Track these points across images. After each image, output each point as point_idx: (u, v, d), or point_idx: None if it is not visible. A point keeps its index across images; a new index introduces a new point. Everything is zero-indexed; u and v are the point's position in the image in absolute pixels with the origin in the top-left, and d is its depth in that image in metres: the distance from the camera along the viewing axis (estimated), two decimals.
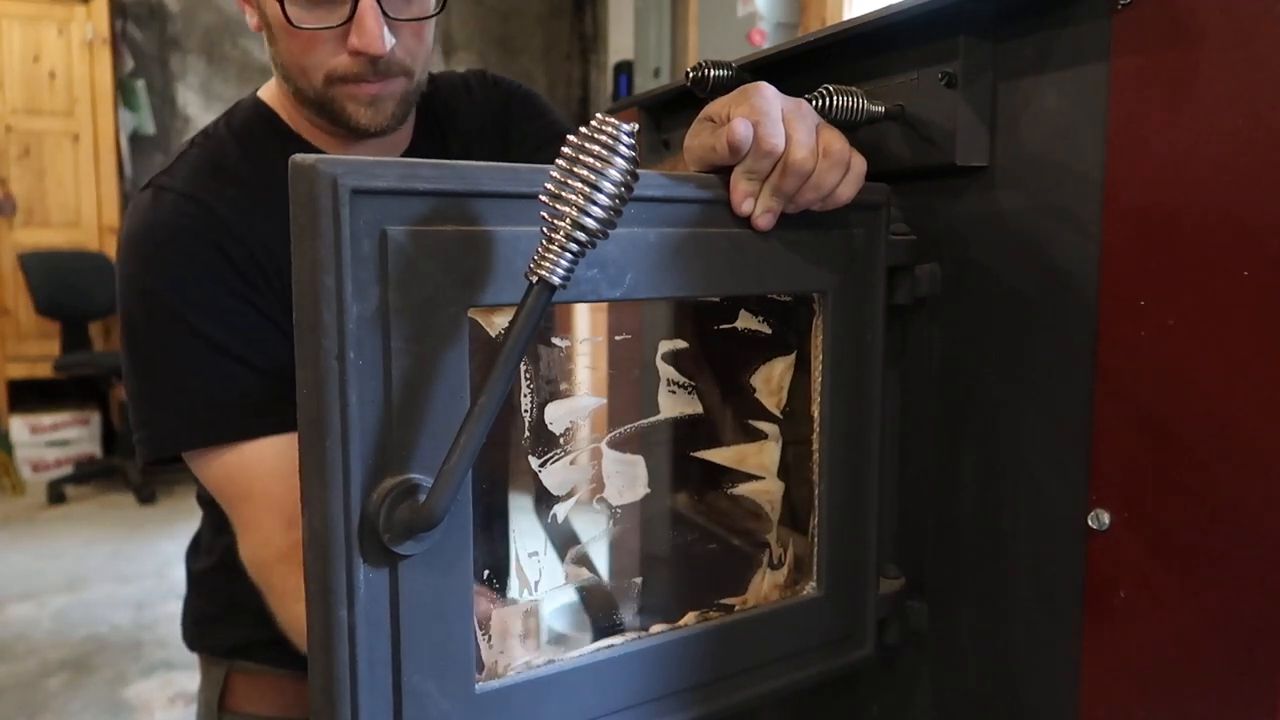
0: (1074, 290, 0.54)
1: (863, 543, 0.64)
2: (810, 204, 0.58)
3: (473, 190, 0.46)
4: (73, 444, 4.44)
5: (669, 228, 0.53)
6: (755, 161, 0.56)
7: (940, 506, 0.65)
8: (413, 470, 0.45)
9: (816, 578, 0.63)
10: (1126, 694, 0.52)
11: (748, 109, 0.56)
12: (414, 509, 0.43)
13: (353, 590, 0.44)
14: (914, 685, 0.68)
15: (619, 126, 0.41)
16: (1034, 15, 0.56)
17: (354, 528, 0.44)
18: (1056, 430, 0.56)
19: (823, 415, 0.61)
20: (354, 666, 0.44)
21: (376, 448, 0.44)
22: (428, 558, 0.45)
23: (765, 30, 3.29)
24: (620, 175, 0.41)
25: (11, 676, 2.54)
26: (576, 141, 0.41)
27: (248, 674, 1.03)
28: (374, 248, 0.43)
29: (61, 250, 4.35)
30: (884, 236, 0.62)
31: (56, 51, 4.33)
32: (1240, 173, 0.45)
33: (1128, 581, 0.52)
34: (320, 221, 0.42)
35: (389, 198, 0.43)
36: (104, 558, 3.38)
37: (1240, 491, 0.46)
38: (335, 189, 0.42)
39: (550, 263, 0.42)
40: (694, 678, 0.57)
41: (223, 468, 0.84)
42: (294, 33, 0.85)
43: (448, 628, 0.47)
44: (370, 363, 0.43)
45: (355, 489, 0.44)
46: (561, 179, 0.41)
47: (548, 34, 5.46)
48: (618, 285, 0.51)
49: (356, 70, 0.86)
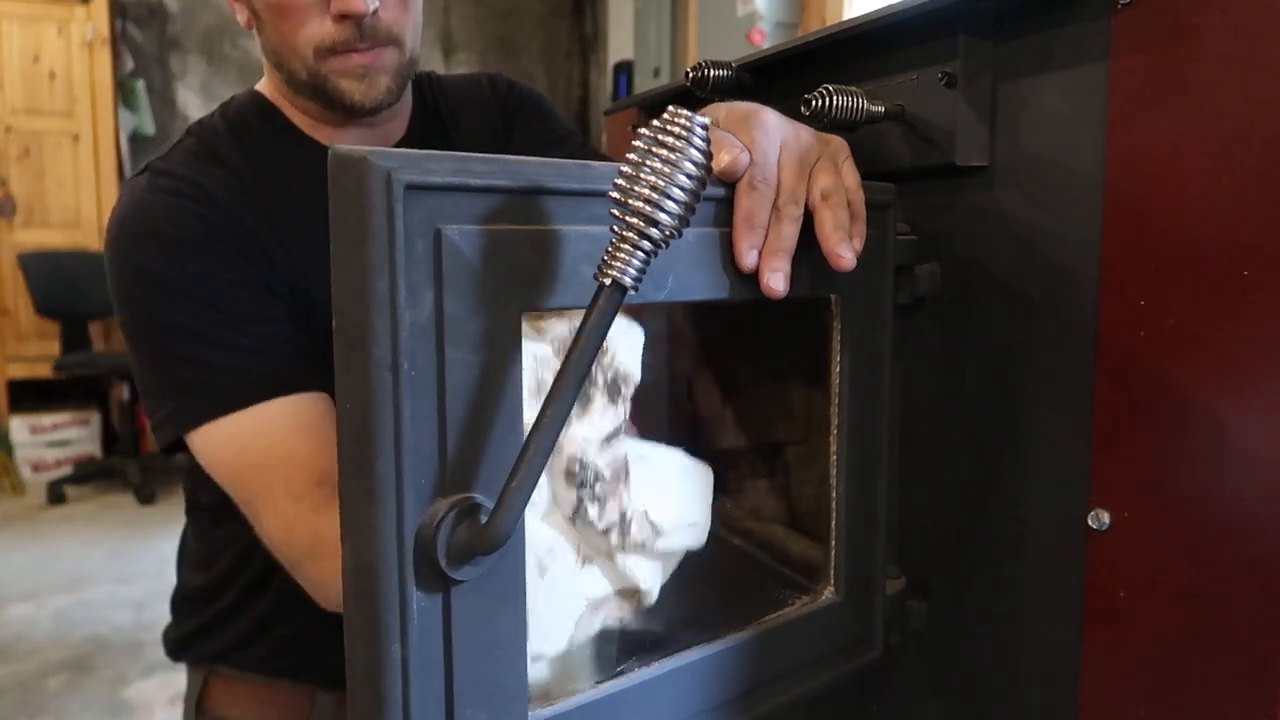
0: (1074, 290, 0.54)
1: (874, 545, 0.64)
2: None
3: (532, 187, 0.43)
4: (73, 444, 4.44)
5: (704, 227, 0.51)
6: (750, 204, 0.51)
7: (940, 506, 0.65)
8: (472, 489, 0.41)
9: (834, 582, 0.62)
10: (1126, 694, 0.52)
11: (748, 139, 0.52)
12: (474, 531, 0.40)
13: (406, 622, 0.40)
14: (914, 685, 0.68)
15: (692, 119, 0.39)
16: (1034, 15, 0.56)
17: (408, 554, 0.40)
18: (1056, 430, 0.56)
19: (841, 418, 0.60)
20: (407, 704, 0.40)
21: (432, 466, 0.40)
22: (482, 583, 0.42)
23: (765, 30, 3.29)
24: (696, 169, 0.39)
25: (11, 677, 2.54)
26: (650, 135, 0.39)
27: (225, 678, 1.03)
28: (428, 248, 0.39)
29: (61, 250, 4.35)
30: (892, 236, 0.62)
31: (56, 51, 4.34)
32: (1240, 173, 0.45)
33: (1128, 581, 0.52)
34: (372, 220, 0.38)
35: (444, 194, 0.40)
36: (104, 558, 3.38)
37: (1240, 491, 0.46)
38: (389, 184, 0.38)
39: (621, 263, 0.39)
40: (733, 689, 0.56)
41: (232, 440, 0.82)
42: (280, 11, 0.86)
43: (501, 657, 0.44)
44: (424, 373, 0.40)
45: (410, 512, 0.40)
46: (634, 173, 0.38)
47: (548, 34, 5.46)
48: (661, 287, 0.48)
49: (344, 38, 0.86)
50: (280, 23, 0.87)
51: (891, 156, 0.64)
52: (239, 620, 1.01)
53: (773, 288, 0.50)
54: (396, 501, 0.39)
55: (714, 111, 0.56)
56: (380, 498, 0.39)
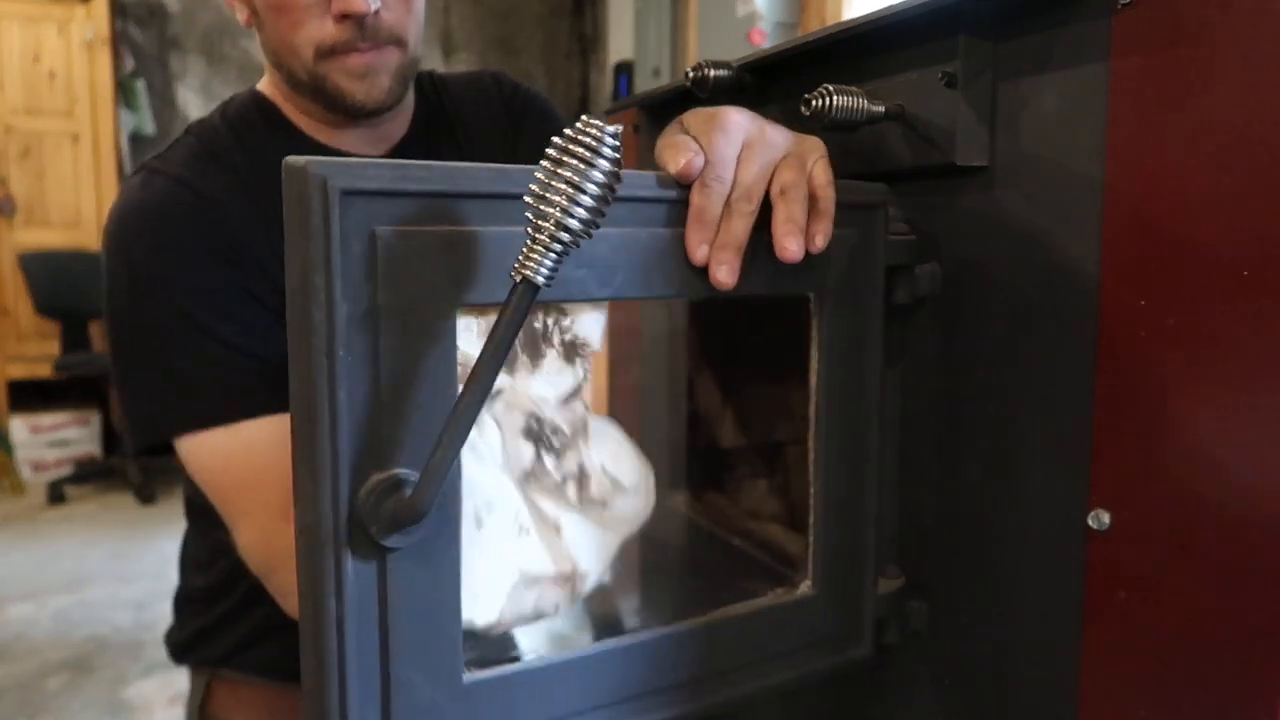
0: (1074, 290, 0.54)
1: (860, 543, 0.64)
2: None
3: (462, 191, 0.47)
4: (73, 444, 4.44)
5: (660, 228, 0.53)
6: (703, 200, 0.53)
7: (940, 506, 0.65)
8: (401, 465, 0.46)
9: (811, 577, 0.63)
10: (1126, 694, 0.52)
11: (706, 141, 0.54)
12: (400, 503, 0.44)
13: (341, 582, 0.45)
14: (914, 685, 0.68)
15: (603, 129, 0.42)
16: (1034, 15, 0.56)
17: (343, 521, 0.44)
18: (1056, 430, 0.56)
19: (818, 415, 0.62)
20: (342, 655, 0.45)
21: (365, 443, 0.45)
22: (416, 551, 0.46)
23: (765, 30, 3.29)
24: (604, 177, 0.42)
25: (11, 676, 2.54)
26: (561, 144, 0.42)
27: (229, 682, 1.03)
28: (364, 248, 0.44)
29: (61, 250, 4.35)
30: (882, 237, 0.62)
31: (56, 51, 4.34)
32: (1240, 172, 0.45)
33: (1128, 581, 0.52)
34: (311, 221, 0.43)
35: (379, 199, 0.44)
36: (104, 558, 3.38)
37: (1241, 491, 0.46)
38: (325, 190, 0.43)
39: (535, 262, 0.42)
40: (683, 674, 0.58)
41: (216, 454, 0.82)
42: (281, 10, 0.85)
43: (435, 620, 0.48)
44: (359, 360, 0.44)
45: (344, 483, 0.44)
46: (546, 180, 0.42)
47: (548, 34, 5.46)
48: (607, 285, 0.51)
49: (345, 38, 0.86)
50: (280, 22, 0.86)
51: (891, 156, 0.64)
52: (242, 623, 1.00)
53: (720, 280, 0.52)
54: (333, 474, 0.44)
55: (686, 116, 0.58)
56: (320, 470, 0.44)
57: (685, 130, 0.56)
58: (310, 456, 0.44)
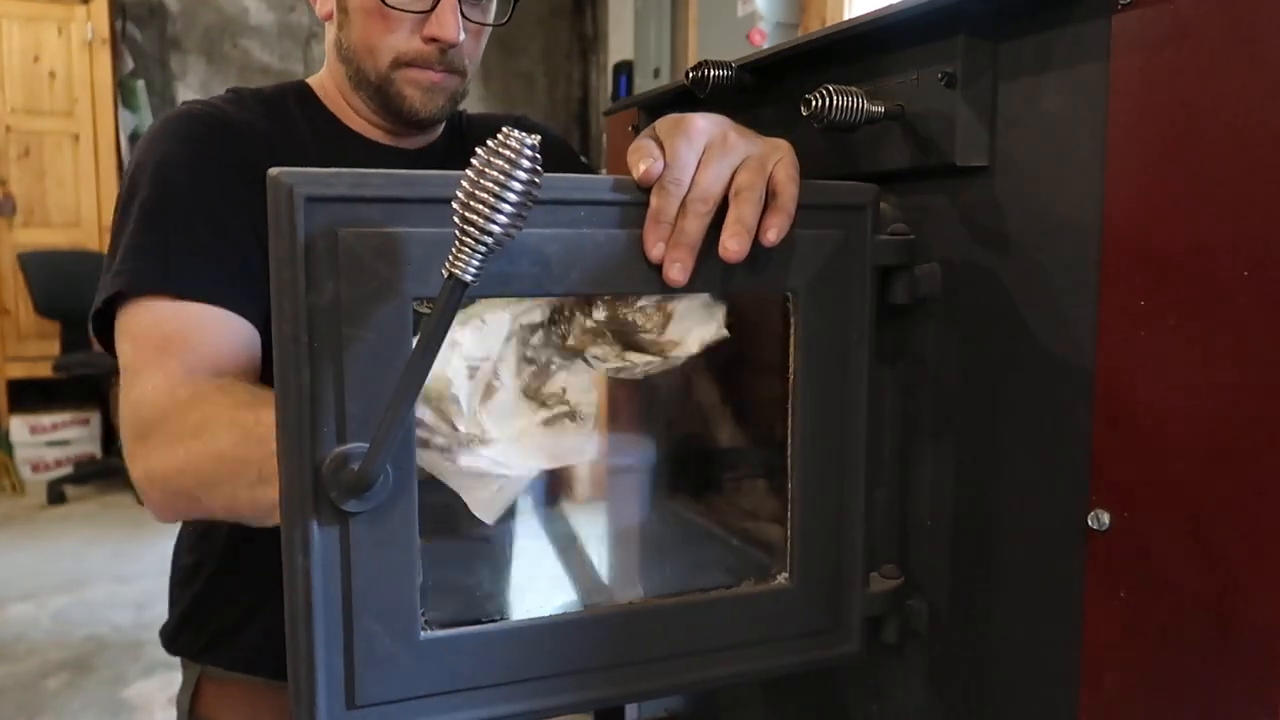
0: (1074, 290, 0.54)
1: (844, 540, 0.64)
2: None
3: (416, 197, 0.52)
4: (72, 444, 4.44)
5: (619, 229, 0.56)
6: (660, 202, 0.56)
7: (940, 506, 0.65)
8: (359, 440, 0.51)
9: (789, 570, 0.64)
10: (1126, 694, 0.53)
11: (669, 146, 0.57)
12: (351, 473, 0.50)
13: (308, 540, 0.51)
14: (914, 685, 0.68)
15: (523, 140, 0.46)
16: (1034, 15, 0.56)
17: (308, 487, 0.51)
18: (1056, 430, 0.56)
19: (795, 412, 0.62)
20: (309, 605, 0.52)
21: (330, 419, 0.51)
22: (374, 516, 0.52)
23: (765, 30, 3.29)
24: (523, 185, 0.46)
25: (11, 676, 2.54)
26: (484, 155, 0.46)
27: (216, 680, 1.04)
28: (329, 247, 0.50)
29: (61, 250, 4.35)
30: (869, 237, 0.62)
31: (56, 51, 4.34)
32: (1240, 173, 0.45)
33: (1128, 581, 0.52)
34: (280, 224, 0.49)
35: (340, 204, 0.50)
36: (104, 558, 3.39)
37: (1240, 491, 0.46)
38: (291, 196, 0.49)
39: (464, 261, 0.46)
40: (644, 652, 0.60)
41: (158, 316, 0.85)
42: (378, 14, 0.94)
43: (394, 578, 0.53)
44: (325, 346, 0.50)
45: (310, 453, 0.51)
46: (470, 189, 0.46)
47: (548, 34, 5.46)
48: (561, 281, 0.55)
49: (425, 56, 0.95)
50: (371, 25, 0.95)
51: (891, 157, 0.64)
52: (225, 607, 1.02)
53: (673, 277, 0.56)
54: (301, 444, 0.51)
55: (658, 122, 0.61)
56: (293, 441, 0.51)
57: (654, 136, 0.59)
58: (287, 428, 0.50)
